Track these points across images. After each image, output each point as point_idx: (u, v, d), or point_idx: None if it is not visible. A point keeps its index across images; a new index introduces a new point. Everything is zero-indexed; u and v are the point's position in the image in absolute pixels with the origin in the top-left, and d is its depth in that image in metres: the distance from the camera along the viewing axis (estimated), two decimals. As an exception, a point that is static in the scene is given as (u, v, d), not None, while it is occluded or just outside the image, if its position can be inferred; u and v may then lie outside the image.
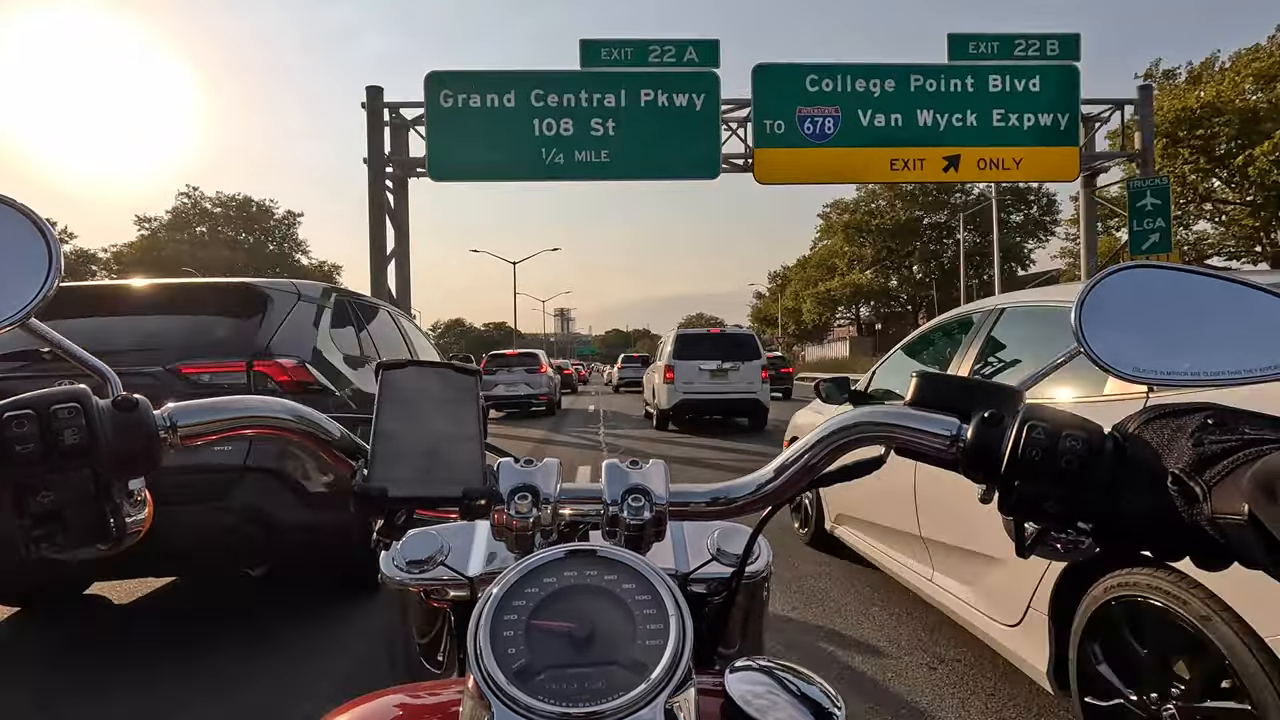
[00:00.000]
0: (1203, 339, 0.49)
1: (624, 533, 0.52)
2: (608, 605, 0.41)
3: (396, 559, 0.71)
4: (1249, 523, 0.35)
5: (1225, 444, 0.39)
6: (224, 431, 0.51)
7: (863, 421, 0.53)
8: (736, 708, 0.44)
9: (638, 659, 0.39)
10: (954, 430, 0.50)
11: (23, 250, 0.48)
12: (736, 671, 0.47)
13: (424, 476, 0.51)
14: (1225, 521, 0.37)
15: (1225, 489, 0.37)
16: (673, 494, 0.54)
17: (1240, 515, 0.35)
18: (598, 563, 0.43)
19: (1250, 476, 0.35)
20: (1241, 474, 0.36)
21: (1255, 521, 0.34)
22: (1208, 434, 0.40)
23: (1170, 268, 0.52)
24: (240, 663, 2.78)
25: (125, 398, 0.46)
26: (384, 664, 0.77)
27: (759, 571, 0.71)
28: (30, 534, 0.42)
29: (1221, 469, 0.38)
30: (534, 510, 0.51)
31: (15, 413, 0.42)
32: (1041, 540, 0.48)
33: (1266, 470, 0.34)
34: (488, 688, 0.37)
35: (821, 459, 0.54)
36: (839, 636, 2.97)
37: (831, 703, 0.45)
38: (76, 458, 0.42)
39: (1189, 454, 0.40)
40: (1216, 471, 0.38)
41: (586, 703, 0.37)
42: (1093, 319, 0.50)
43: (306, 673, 2.69)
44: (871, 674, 2.60)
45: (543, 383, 16.06)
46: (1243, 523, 0.35)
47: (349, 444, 0.54)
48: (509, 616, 0.40)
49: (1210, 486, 0.38)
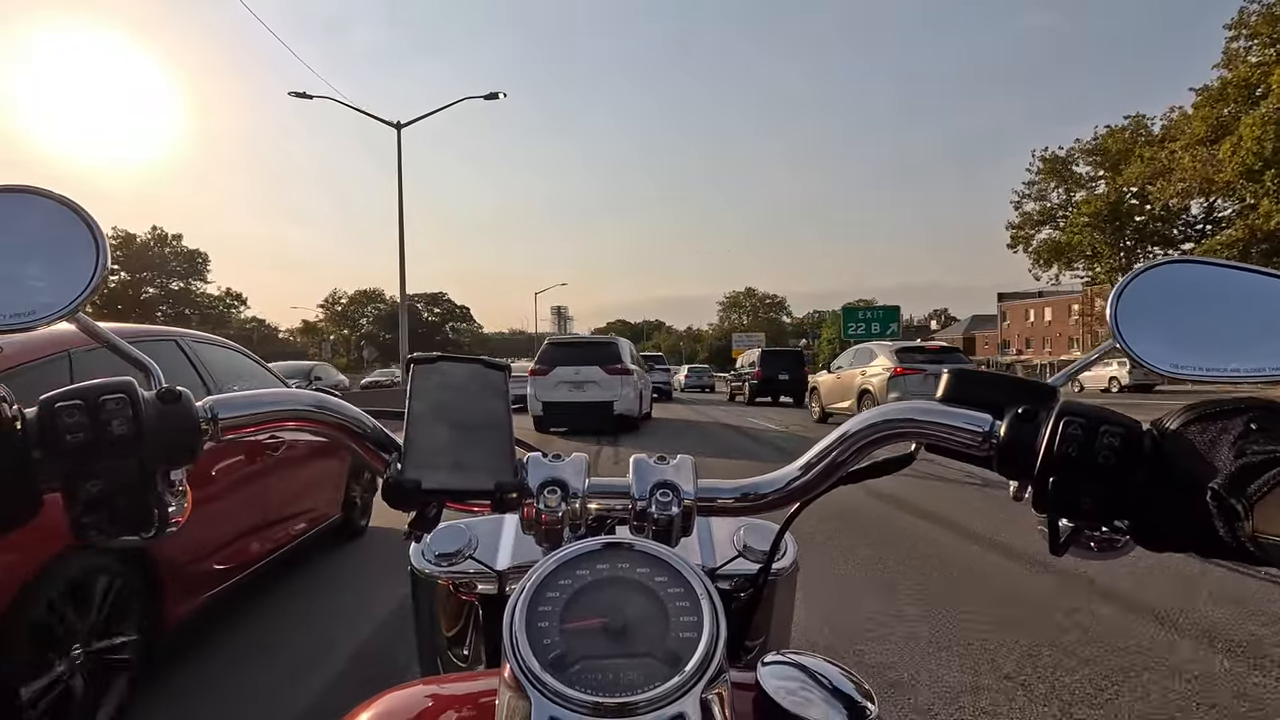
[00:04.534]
0: (1243, 335, 0.48)
1: (652, 528, 0.52)
2: (641, 598, 0.42)
3: (426, 551, 0.72)
4: None
5: (1270, 454, 0.37)
6: (262, 424, 0.52)
7: (892, 418, 0.53)
8: (771, 701, 0.44)
9: (672, 651, 0.39)
10: (987, 426, 0.49)
11: (70, 244, 0.49)
12: (769, 665, 0.47)
13: (456, 470, 0.52)
14: (1267, 541, 0.35)
15: (1267, 508, 0.36)
16: (700, 490, 0.54)
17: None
18: (631, 556, 0.44)
19: None
20: None
21: None
22: (1251, 442, 0.39)
23: (1209, 263, 0.52)
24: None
25: (169, 390, 0.47)
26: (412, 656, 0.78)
27: (786, 568, 0.71)
28: (79, 520, 0.43)
29: (1264, 483, 0.36)
30: (563, 504, 0.52)
31: (66, 403, 0.43)
32: (1076, 539, 0.47)
33: None
34: (525, 677, 0.38)
35: (850, 455, 0.54)
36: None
37: (865, 696, 0.45)
38: (124, 446, 0.43)
39: (1230, 466, 0.38)
40: (1259, 487, 0.36)
41: (622, 693, 0.37)
42: (1129, 314, 0.50)
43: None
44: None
45: (622, 388, 11.77)
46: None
47: (382, 438, 0.55)
48: (544, 608, 0.41)
49: (1252, 504, 0.36)
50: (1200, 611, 3.15)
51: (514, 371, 4.68)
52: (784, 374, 20.03)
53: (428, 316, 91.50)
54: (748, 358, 24.19)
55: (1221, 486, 0.38)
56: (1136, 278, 0.51)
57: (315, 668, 2.74)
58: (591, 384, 11.60)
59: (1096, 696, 2.41)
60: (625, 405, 11.77)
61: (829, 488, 0.56)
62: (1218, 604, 3.24)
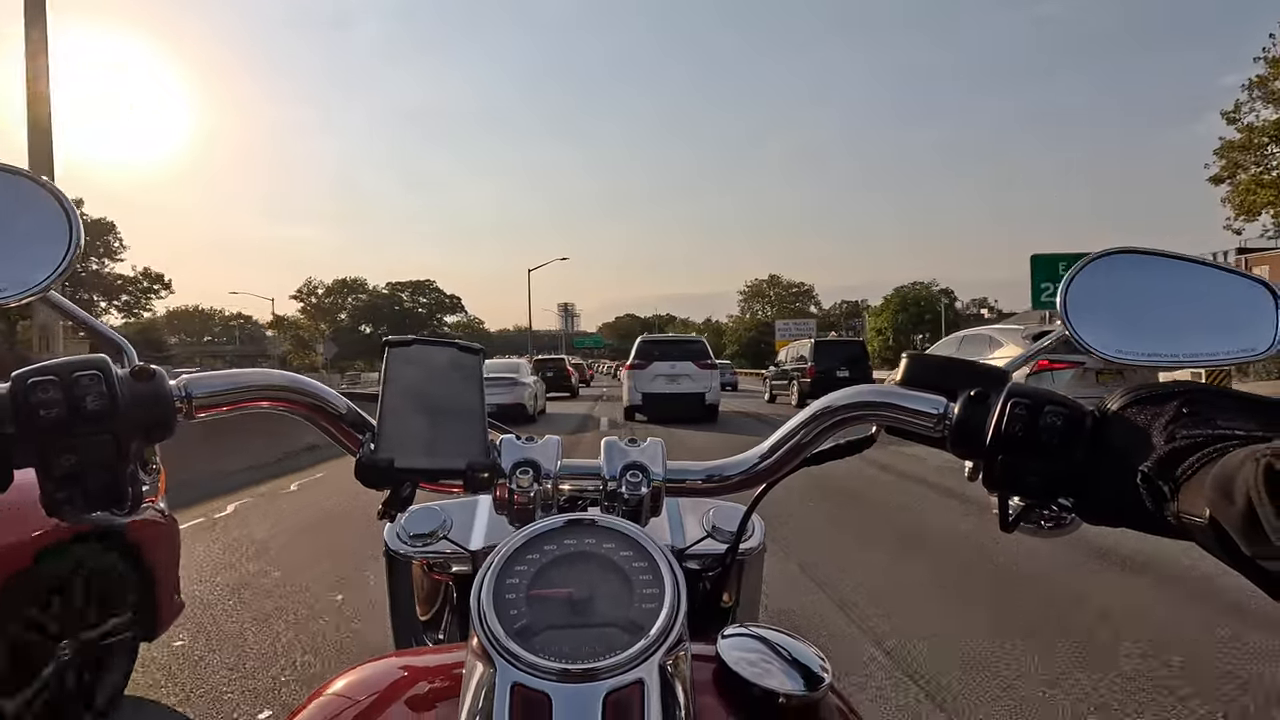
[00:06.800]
0: (1183, 322, 0.51)
1: (622, 507, 0.54)
2: (605, 571, 0.43)
3: (400, 532, 0.73)
4: (1210, 525, 0.35)
5: (1194, 439, 0.39)
6: (235, 403, 0.53)
7: (852, 401, 0.55)
8: (730, 671, 0.46)
9: (634, 620, 0.40)
10: (941, 409, 0.51)
11: (44, 222, 0.49)
12: (729, 637, 0.49)
13: (429, 450, 0.53)
14: (1190, 522, 0.37)
15: (1190, 489, 0.37)
16: (669, 471, 0.56)
17: (1202, 517, 0.36)
18: (596, 531, 0.45)
19: (1210, 480, 0.35)
20: (1205, 474, 0.36)
21: (1216, 524, 0.35)
22: (1180, 426, 0.40)
23: (1153, 252, 0.54)
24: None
25: (143, 367, 0.47)
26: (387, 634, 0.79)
27: (753, 548, 0.73)
28: (54, 496, 0.44)
29: (1188, 467, 0.38)
30: (535, 485, 0.53)
31: (40, 378, 0.43)
32: (1025, 516, 0.49)
33: (1224, 473, 0.34)
34: (491, 646, 0.39)
35: (813, 438, 0.56)
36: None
37: (821, 665, 0.47)
38: (98, 422, 0.44)
39: (1159, 449, 0.40)
40: (1183, 470, 0.38)
41: (585, 660, 0.38)
42: (1078, 302, 0.52)
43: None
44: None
45: (711, 381, 13.70)
46: (1204, 525, 0.35)
47: (355, 418, 0.56)
48: (511, 580, 0.42)
49: (1177, 486, 0.38)
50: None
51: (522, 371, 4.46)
52: (844, 369, 16.21)
53: (412, 306, 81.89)
54: (794, 350, 19.62)
55: (1150, 469, 0.39)
56: (1085, 267, 0.53)
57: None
58: (685, 377, 13.53)
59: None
60: (714, 396, 13.89)
61: (793, 469, 0.58)
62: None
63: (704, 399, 13.60)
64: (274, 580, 3.77)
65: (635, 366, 13.90)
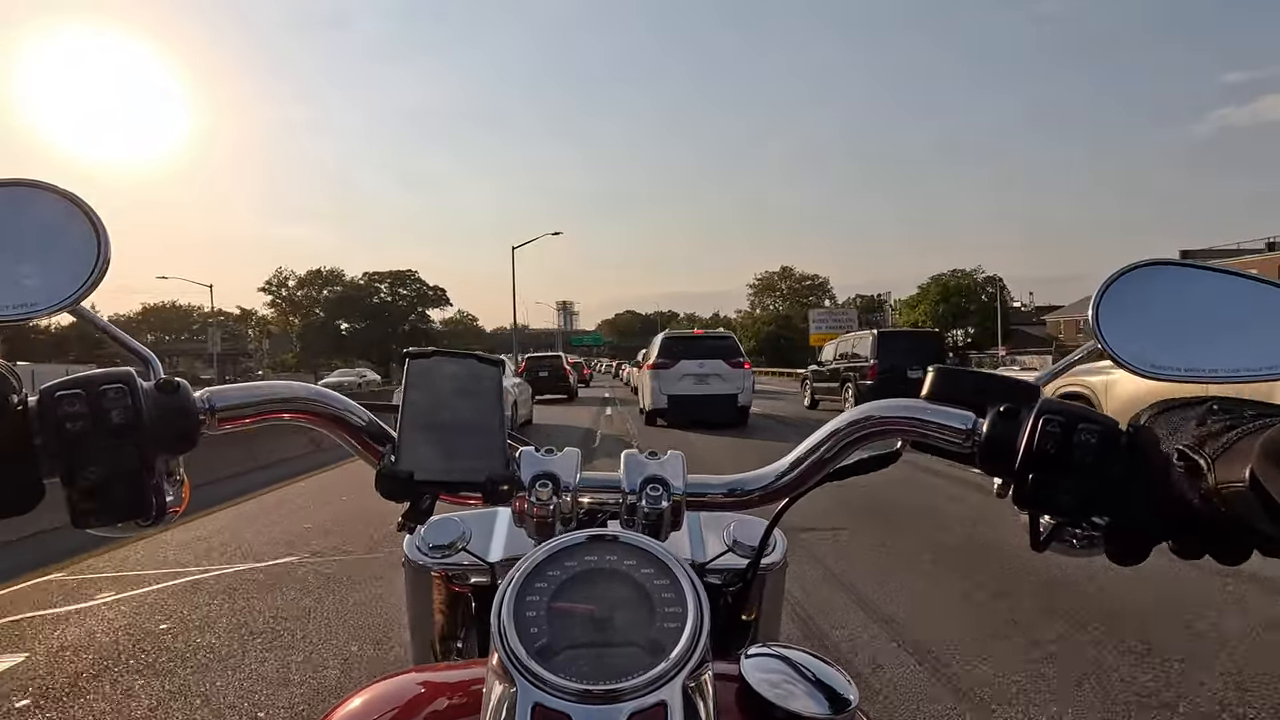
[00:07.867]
0: (1219, 336, 0.49)
1: (642, 522, 0.53)
2: (627, 589, 0.42)
3: (420, 543, 0.73)
4: (1250, 488, 0.35)
5: (1228, 421, 0.40)
6: (258, 415, 0.53)
7: (877, 415, 0.54)
8: (753, 692, 0.45)
9: (656, 640, 0.40)
10: (970, 424, 0.50)
11: (72, 236, 0.50)
12: (752, 657, 0.48)
13: (449, 462, 0.53)
14: (1228, 490, 0.37)
15: (1228, 459, 0.38)
16: (690, 485, 0.55)
17: (1242, 482, 0.36)
18: (618, 548, 0.44)
19: (1260, 443, 0.35)
20: (1246, 445, 0.37)
21: (1256, 486, 0.35)
22: (1213, 415, 0.41)
23: (1187, 264, 0.53)
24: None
25: (168, 380, 0.48)
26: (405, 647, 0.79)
27: (775, 563, 0.72)
28: (79, 507, 0.44)
29: (1225, 441, 0.39)
30: (554, 498, 0.53)
31: (66, 391, 0.44)
32: (1056, 535, 0.48)
33: (1275, 437, 0.35)
34: (511, 664, 0.38)
35: (837, 452, 0.55)
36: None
37: (846, 688, 0.46)
38: (122, 435, 0.44)
39: (1193, 433, 0.41)
40: (1220, 444, 0.39)
41: (606, 680, 0.37)
42: (1110, 315, 0.50)
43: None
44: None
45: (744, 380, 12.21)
46: (1244, 488, 0.36)
47: (376, 430, 0.56)
48: (531, 597, 0.41)
49: (1214, 459, 0.39)
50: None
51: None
52: (917, 368, 12.85)
53: (392, 299, 70.93)
54: (845, 345, 15.78)
55: (1187, 446, 0.40)
56: (1117, 279, 0.52)
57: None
58: (715, 377, 12.12)
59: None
60: (747, 398, 12.39)
61: (816, 484, 0.57)
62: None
63: (736, 400, 12.25)
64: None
65: (659, 366, 12.39)
